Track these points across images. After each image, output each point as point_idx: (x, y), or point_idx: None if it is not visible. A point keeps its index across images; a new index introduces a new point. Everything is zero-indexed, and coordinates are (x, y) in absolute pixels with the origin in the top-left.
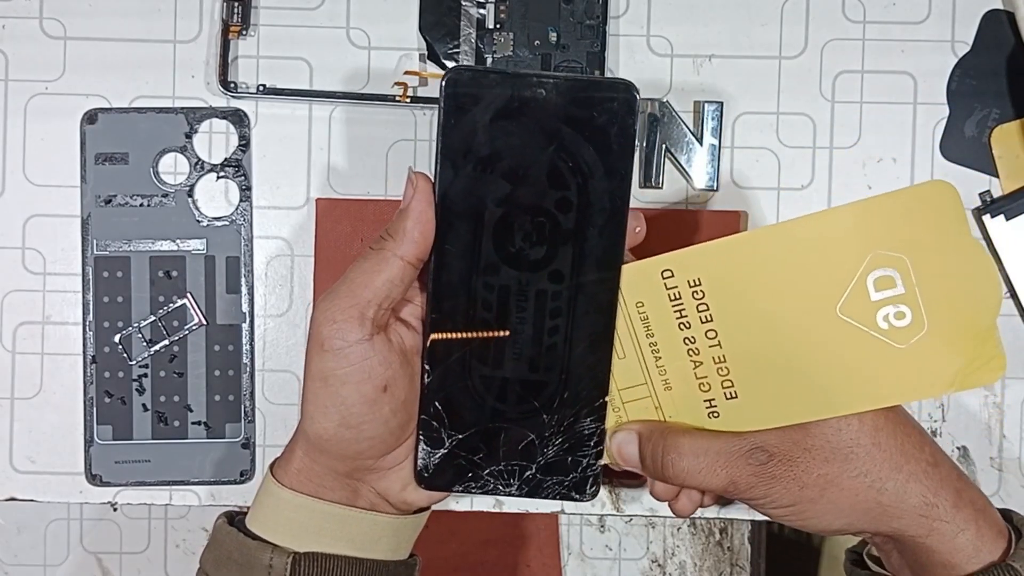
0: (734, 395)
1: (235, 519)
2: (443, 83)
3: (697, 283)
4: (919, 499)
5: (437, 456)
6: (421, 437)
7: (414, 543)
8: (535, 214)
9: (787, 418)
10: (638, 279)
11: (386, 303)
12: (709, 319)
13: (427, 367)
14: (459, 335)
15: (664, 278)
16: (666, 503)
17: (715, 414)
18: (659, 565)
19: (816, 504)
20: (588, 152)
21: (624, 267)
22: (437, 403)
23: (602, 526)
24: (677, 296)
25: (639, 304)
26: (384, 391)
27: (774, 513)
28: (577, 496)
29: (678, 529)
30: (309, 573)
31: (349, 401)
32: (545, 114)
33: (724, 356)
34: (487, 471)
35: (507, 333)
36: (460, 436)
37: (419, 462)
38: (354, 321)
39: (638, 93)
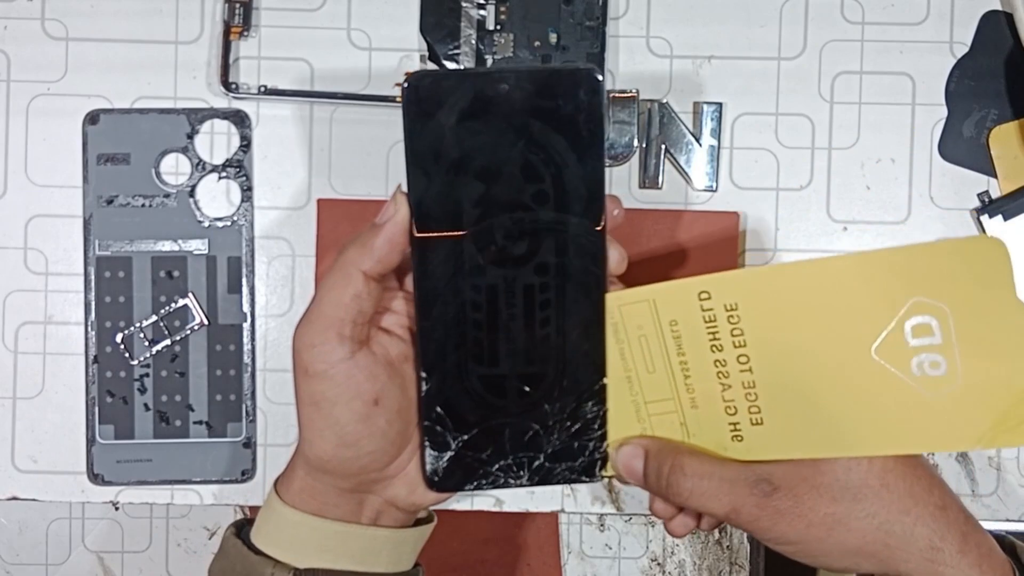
0: (759, 422)
1: (243, 530)
2: (403, 90)
3: (734, 307)
4: (926, 542)
5: (444, 459)
6: (426, 442)
7: (418, 554)
8: (513, 210)
9: (809, 451)
10: (674, 298)
11: (360, 318)
12: (742, 344)
13: (423, 375)
14: (451, 339)
15: (701, 299)
16: (662, 521)
17: (739, 438)
18: (658, 564)
19: (823, 543)
20: (558, 142)
21: (661, 286)
22: (438, 408)
23: (602, 525)
24: (712, 319)
25: (673, 323)
26: (375, 405)
27: (781, 549)
28: (587, 478)
29: None
30: None
31: (342, 421)
32: (510, 109)
33: (754, 382)
34: (496, 466)
35: (499, 331)
36: (465, 437)
37: (427, 467)
38: (332, 342)
39: (601, 75)
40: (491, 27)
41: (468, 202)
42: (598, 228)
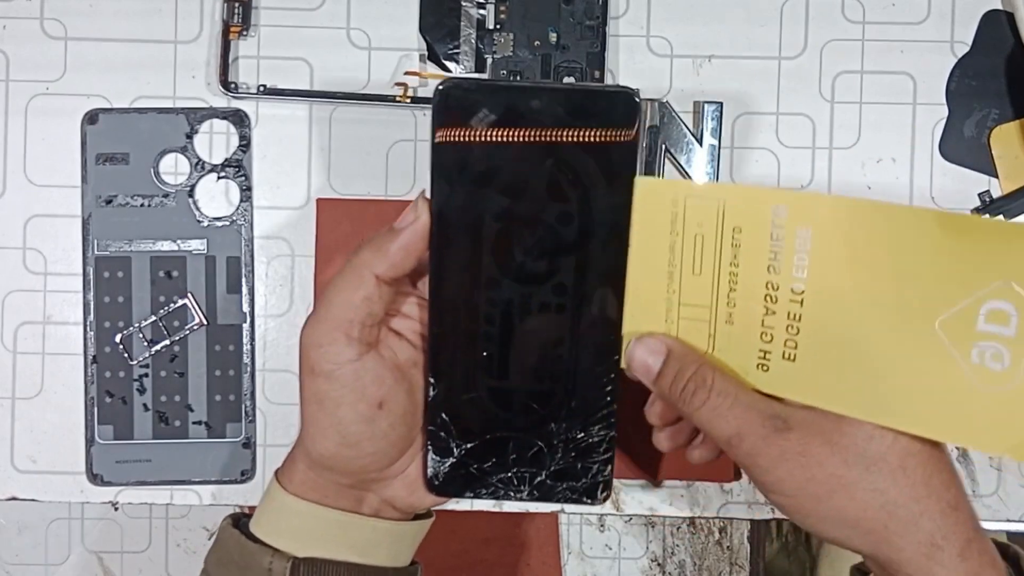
0: (792, 358)
1: (240, 521)
2: (434, 97)
3: (807, 232)
4: (927, 537)
5: (446, 465)
6: (430, 447)
7: (416, 550)
8: (536, 228)
9: (834, 403)
10: (746, 205)
11: (369, 320)
12: (803, 274)
13: (432, 380)
14: (462, 348)
15: (775, 214)
16: (653, 426)
17: (764, 367)
18: (658, 564)
19: (820, 504)
20: (589, 164)
21: (737, 188)
22: (444, 414)
23: (602, 525)
24: (779, 237)
25: (736, 230)
26: (380, 408)
27: (774, 498)
28: (588, 500)
29: (677, 528)
30: None
31: (346, 421)
32: (542, 126)
33: (800, 316)
34: (497, 478)
35: (511, 346)
36: (468, 445)
37: (429, 471)
38: (340, 343)
39: (640, 100)
40: (491, 26)
41: (491, 215)
42: (622, 254)
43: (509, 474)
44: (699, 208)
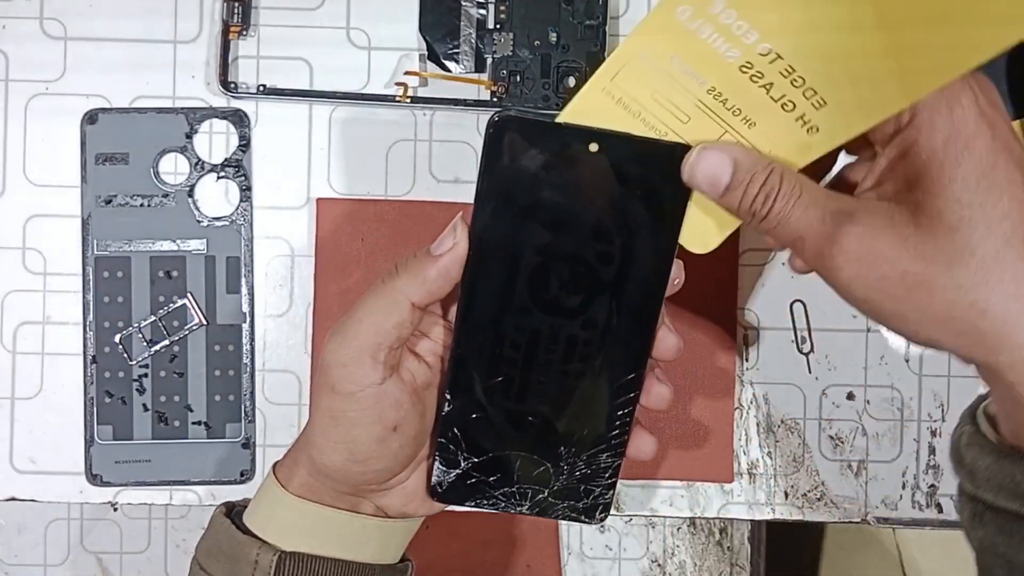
0: (822, 102)
1: (233, 511)
2: (489, 127)
3: (720, 5)
4: None
5: (452, 475)
6: (437, 456)
7: (406, 547)
8: (575, 264)
9: (878, 112)
10: (657, 34)
11: (396, 344)
12: (753, 36)
13: (448, 396)
14: (483, 369)
15: (683, 17)
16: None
17: (814, 128)
18: (659, 565)
19: (901, 303)
20: (636, 210)
21: (636, 31)
22: (456, 429)
23: (602, 526)
24: (706, 30)
25: (672, 59)
26: (394, 431)
27: (853, 303)
28: (586, 520)
29: (678, 529)
30: (293, 572)
31: (358, 440)
32: (596, 168)
33: (790, 67)
34: (500, 491)
35: (532, 372)
36: (476, 459)
37: (433, 478)
38: (366, 365)
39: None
40: (491, 26)
41: (532, 247)
42: (655, 299)
43: (512, 489)
44: (629, 75)
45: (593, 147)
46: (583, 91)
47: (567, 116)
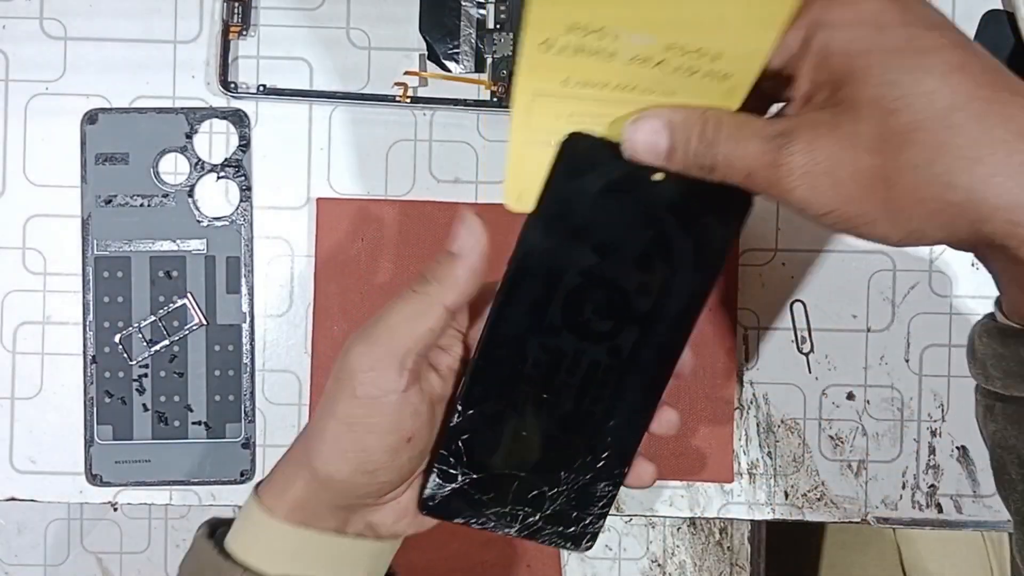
0: (718, 54)
1: (216, 532)
2: (560, 145)
3: (571, 27)
4: (1006, 199)
5: (447, 489)
6: (436, 468)
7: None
8: (613, 291)
9: (775, 16)
10: (536, 70)
11: (425, 350)
12: (619, 32)
13: (460, 407)
14: (500, 385)
15: (551, 51)
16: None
17: (727, 76)
18: (659, 565)
19: (863, 204)
20: (684, 247)
21: (520, 64)
22: (460, 442)
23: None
24: (573, 46)
25: (565, 81)
26: (408, 442)
27: (821, 222)
28: (571, 546)
29: (678, 529)
30: None
31: (371, 449)
32: (653, 200)
33: (670, 43)
34: (491, 511)
35: (549, 392)
36: (474, 476)
37: (427, 491)
38: (392, 371)
39: (752, 201)
40: (491, 26)
41: (576, 269)
42: (682, 338)
43: (504, 510)
44: (541, 119)
45: (658, 176)
46: (508, 158)
47: (509, 196)
